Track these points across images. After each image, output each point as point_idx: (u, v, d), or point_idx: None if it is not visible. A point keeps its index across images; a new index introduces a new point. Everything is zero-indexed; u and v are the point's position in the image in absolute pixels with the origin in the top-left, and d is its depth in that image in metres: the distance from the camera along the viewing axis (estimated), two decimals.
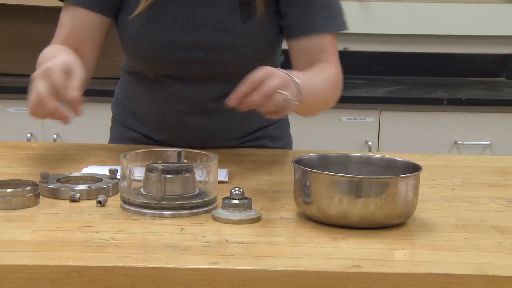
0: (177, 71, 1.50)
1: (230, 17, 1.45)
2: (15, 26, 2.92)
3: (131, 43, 1.49)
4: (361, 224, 1.03)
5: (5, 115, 2.68)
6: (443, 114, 2.72)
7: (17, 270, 0.86)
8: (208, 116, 1.54)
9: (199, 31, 1.46)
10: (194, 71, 1.49)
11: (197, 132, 1.55)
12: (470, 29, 3.20)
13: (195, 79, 1.51)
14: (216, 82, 1.50)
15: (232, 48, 1.46)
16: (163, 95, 1.54)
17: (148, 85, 1.55)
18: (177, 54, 1.47)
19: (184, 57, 1.47)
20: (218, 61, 1.47)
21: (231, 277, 0.87)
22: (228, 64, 1.47)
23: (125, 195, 1.11)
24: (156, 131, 1.58)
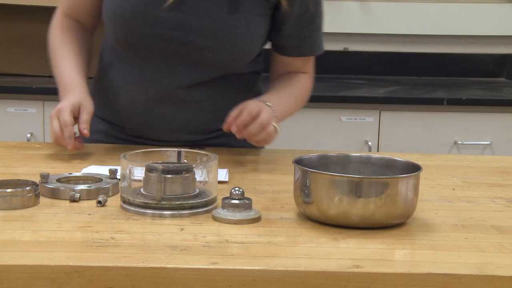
0: (153, 48, 1.50)
1: (217, 6, 1.47)
2: (15, 26, 2.92)
3: (114, 12, 1.50)
4: (361, 224, 1.03)
5: (5, 115, 2.68)
6: (443, 114, 2.72)
7: (17, 270, 0.86)
8: (176, 107, 1.54)
9: (184, 11, 1.47)
10: (169, 51, 1.50)
11: (164, 122, 1.55)
12: (470, 29, 3.20)
13: (168, 62, 1.51)
14: (188, 69, 1.51)
15: (213, 35, 1.48)
16: (133, 79, 1.54)
17: (120, 69, 1.56)
18: (157, 29, 1.48)
19: (163, 34, 1.48)
20: (196, 44, 1.48)
21: (231, 277, 0.87)
22: (204, 49, 1.48)
23: (125, 195, 1.11)
24: (124, 118, 1.59)
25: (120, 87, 1.57)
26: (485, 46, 3.25)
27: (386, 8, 3.16)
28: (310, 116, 2.68)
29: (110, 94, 1.59)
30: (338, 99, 2.70)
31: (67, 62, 1.56)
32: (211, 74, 1.53)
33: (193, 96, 1.53)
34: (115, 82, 1.58)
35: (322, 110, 2.68)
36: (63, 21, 1.62)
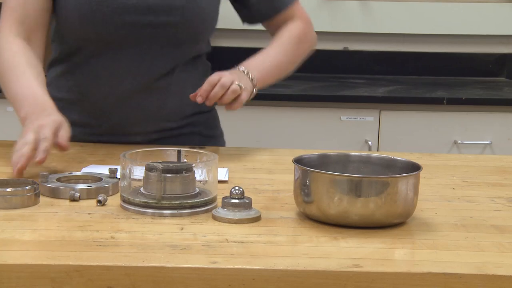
0: (126, 38, 1.51)
1: None
2: None
3: (77, 8, 1.48)
4: (361, 224, 1.03)
5: (5, 114, 2.68)
6: (443, 113, 2.72)
7: (17, 269, 0.86)
8: (151, 94, 1.55)
9: None
10: (143, 37, 1.51)
11: (137, 111, 1.56)
12: (470, 29, 3.20)
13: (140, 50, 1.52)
14: (160, 54, 1.53)
15: (180, 10, 1.51)
16: (106, 73, 1.54)
17: (87, 64, 1.54)
18: (127, 18, 1.49)
19: (134, 21, 1.49)
20: (167, 24, 1.51)
21: (231, 276, 0.87)
22: (176, 27, 1.51)
23: (125, 195, 1.11)
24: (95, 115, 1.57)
25: (91, 85, 1.56)
26: (485, 46, 3.25)
27: (386, 8, 3.16)
28: (310, 115, 2.68)
29: (75, 94, 1.58)
30: (338, 99, 2.70)
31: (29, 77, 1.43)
32: (181, 56, 1.56)
33: (164, 82, 1.56)
34: (83, 79, 1.56)
35: (322, 109, 2.68)
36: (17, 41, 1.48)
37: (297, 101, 2.66)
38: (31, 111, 1.37)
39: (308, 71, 3.13)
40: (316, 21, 1.74)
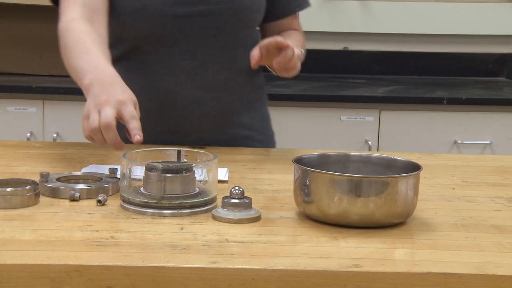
0: (178, 30, 1.53)
1: None
2: (15, 25, 2.93)
3: (131, 6, 1.51)
4: (361, 224, 1.03)
5: (5, 114, 2.68)
6: (443, 113, 2.72)
7: (17, 269, 0.86)
8: (206, 89, 1.57)
9: None
10: (194, 28, 1.53)
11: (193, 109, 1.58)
12: (470, 29, 3.20)
13: (194, 43, 1.54)
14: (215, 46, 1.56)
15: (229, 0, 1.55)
16: (161, 71, 1.56)
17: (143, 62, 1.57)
18: (177, 10, 1.52)
19: (184, 12, 1.52)
20: (217, 12, 1.54)
21: (231, 276, 0.87)
22: (225, 15, 1.54)
23: (125, 194, 1.11)
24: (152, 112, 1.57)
25: (145, 84, 1.57)
26: (485, 46, 3.25)
27: (386, 8, 3.16)
28: (310, 115, 2.68)
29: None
30: (338, 99, 2.70)
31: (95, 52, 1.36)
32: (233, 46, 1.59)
33: (219, 76, 1.58)
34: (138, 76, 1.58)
35: (322, 109, 2.68)
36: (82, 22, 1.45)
37: (297, 101, 2.66)
38: (98, 79, 1.27)
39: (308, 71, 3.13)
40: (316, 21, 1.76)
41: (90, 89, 1.25)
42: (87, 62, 1.33)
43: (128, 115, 1.19)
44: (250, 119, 1.67)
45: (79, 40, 1.40)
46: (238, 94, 1.62)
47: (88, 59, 1.34)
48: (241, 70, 1.59)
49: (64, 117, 2.67)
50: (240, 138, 1.65)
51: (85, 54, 1.36)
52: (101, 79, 1.26)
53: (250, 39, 1.62)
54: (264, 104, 1.74)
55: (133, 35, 1.57)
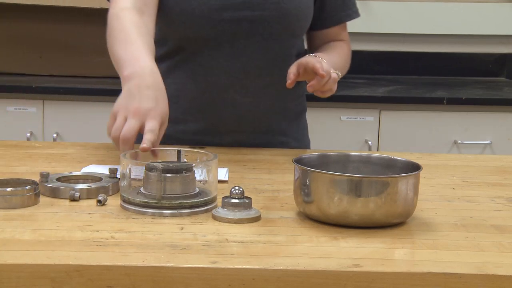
0: (223, 34, 1.54)
1: None
2: (15, 25, 2.93)
3: (179, 8, 1.52)
4: (361, 224, 1.03)
5: (5, 114, 2.68)
6: (443, 113, 2.72)
7: (17, 269, 0.86)
8: (246, 92, 1.58)
9: None
10: (239, 33, 1.54)
11: (232, 111, 1.59)
12: (470, 29, 3.20)
13: (238, 47, 1.55)
14: (258, 51, 1.57)
15: (275, 4, 1.54)
16: (203, 71, 1.57)
17: (186, 62, 1.58)
18: (224, 14, 1.53)
19: (231, 17, 1.53)
20: (263, 19, 1.55)
21: (231, 276, 0.87)
22: (271, 22, 1.55)
23: (125, 194, 1.11)
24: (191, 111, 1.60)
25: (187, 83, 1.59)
26: (485, 46, 3.25)
27: (386, 8, 3.16)
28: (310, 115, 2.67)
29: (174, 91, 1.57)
30: (338, 98, 2.70)
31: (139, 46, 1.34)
32: (276, 55, 1.59)
33: (260, 80, 1.59)
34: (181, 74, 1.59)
35: (322, 109, 2.68)
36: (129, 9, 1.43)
37: None
38: (138, 75, 1.25)
39: None
40: None
41: (127, 83, 1.24)
42: (130, 52, 1.32)
43: (148, 128, 1.18)
44: (287, 126, 1.68)
45: (126, 29, 1.39)
46: (277, 100, 1.63)
47: (131, 50, 1.32)
48: (282, 77, 1.56)
49: (64, 117, 2.67)
50: (276, 144, 1.66)
51: (129, 44, 1.34)
52: (141, 75, 1.25)
53: (295, 47, 1.63)
54: (302, 112, 1.75)
55: (178, 36, 1.58)
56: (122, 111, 1.20)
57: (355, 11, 1.73)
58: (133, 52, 1.32)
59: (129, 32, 1.38)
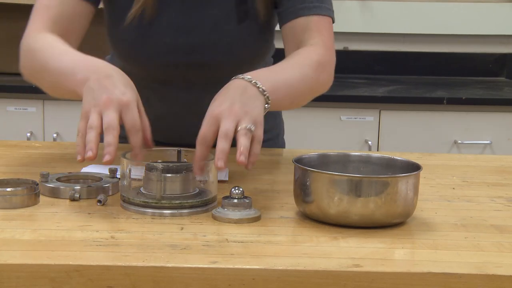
0: (172, 75, 1.47)
1: (226, 17, 1.42)
2: (15, 25, 2.92)
3: (123, 46, 1.46)
4: (361, 223, 1.03)
5: (5, 114, 2.68)
6: (443, 113, 2.72)
7: (17, 269, 0.86)
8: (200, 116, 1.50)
9: (193, 33, 1.43)
10: (189, 75, 1.46)
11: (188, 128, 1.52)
12: (470, 29, 3.20)
13: (190, 84, 1.48)
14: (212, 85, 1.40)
15: (227, 50, 1.44)
16: (156, 98, 1.50)
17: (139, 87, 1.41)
18: (172, 58, 1.44)
19: (179, 61, 1.44)
20: (214, 63, 1.44)
21: (231, 276, 0.87)
22: (223, 66, 1.43)
23: (125, 194, 1.11)
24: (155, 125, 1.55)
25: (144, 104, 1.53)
26: (485, 46, 3.26)
27: (386, 8, 3.16)
28: (310, 115, 2.68)
29: None
30: (338, 98, 2.70)
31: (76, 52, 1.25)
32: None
33: None
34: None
35: (322, 109, 2.68)
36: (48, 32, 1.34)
37: None
38: (94, 71, 1.15)
39: None
40: None
41: (86, 83, 1.13)
42: (70, 60, 1.22)
43: (130, 123, 1.10)
44: None
45: (53, 45, 1.29)
46: None
47: (71, 57, 1.22)
48: None
49: (64, 117, 2.67)
50: None
51: (65, 55, 1.24)
52: (97, 70, 1.15)
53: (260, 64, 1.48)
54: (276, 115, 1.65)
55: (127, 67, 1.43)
56: (94, 109, 1.09)
57: (317, 6, 1.41)
58: (74, 58, 1.22)
59: (58, 47, 1.28)
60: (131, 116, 1.10)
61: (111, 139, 1.07)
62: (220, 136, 1.09)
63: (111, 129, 1.07)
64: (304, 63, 1.33)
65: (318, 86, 1.37)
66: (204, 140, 1.10)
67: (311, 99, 1.40)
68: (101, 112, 1.09)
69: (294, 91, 1.29)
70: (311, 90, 1.35)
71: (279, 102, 1.23)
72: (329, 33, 1.42)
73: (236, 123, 1.10)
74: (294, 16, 1.41)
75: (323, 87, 1.40)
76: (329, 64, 1.40)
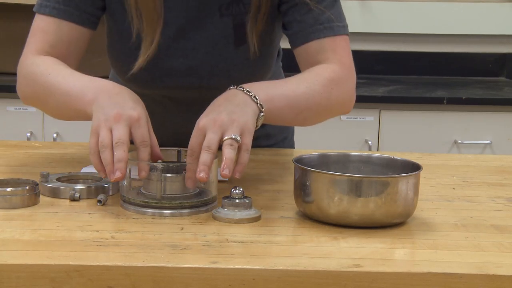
0: (170, 97, 1.47)
1: (223, 40, 1.40)
2: (15, 25, 2.92)
3: (119, 66, 1.45)
4: (361, 223, 1.03)
5: (5, 114, 2.68)
6: (443, 113, 2.72)
7: (17, 269, 0.86)
8: None
9: (190, 56, 1.41)
10: (186, 96, 1.46)
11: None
12: (470, 28, 3.20)
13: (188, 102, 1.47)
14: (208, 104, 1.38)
15: (224, 73, 1.42)
16: (159, 110, 1.49)
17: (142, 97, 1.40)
18: (168, 80, 1.43)
19: (176, 83, 1.43)
20: (211, 86, 1.42)
21: (231, 276, 0.87)
22: (221, 88, 1.35)
23: (125, 194, 1.11)
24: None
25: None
26: (485, 45, 3.25)
27: (386, 7, 3.16)
28: None
29: None
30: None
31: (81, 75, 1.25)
32: None
33: None
34: None
35: None
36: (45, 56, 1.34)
37: None
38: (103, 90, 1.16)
39: None
40: None
41: (95, 102, 1.14)
42: (79, 81, 1.22)
43: (140, 138, 1.10)
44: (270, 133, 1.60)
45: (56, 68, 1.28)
46: None
47: (79, 79, 1.22)
48: None
49: None
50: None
51: (70, 77, 1.24)
52: (107, 89, 1.16)
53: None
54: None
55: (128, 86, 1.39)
56: (104, 124, 1.10)
57: (328, 27, 1.37)
58: (81, 79, 1.22)
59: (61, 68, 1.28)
60: (141, 131, 1.11)
61: (122, 155, 1.07)
62: (203, 148, 1.09)
63: (122, 144, 1.07)
64: (313, 79, 1.30)
65: (331, 103, 1.33)
66: (192, 152, 1.11)
67: (327, 117, 1.38)
68: (111, 128, 1.09)
69: (296, 104, 1.26)
70: (320, 105, 1.30)
71: (278, 113, 1.22)
72: (345, 51, 1.40)
73: (221, 133, 1.10)
74: (306, 40, 1.37)
75: (339, 105, 1.37)
76: (345, 81, 1.36)
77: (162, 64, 1.41)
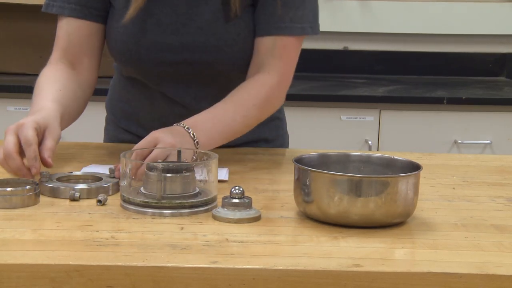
0: (164, 73, 1.49)
1: (214, 16, 1.44)
2: (15, 24, 2.93)
3: (116, 46, 1.48)
4: (361, 223, 1.03)
5: (5, 114, 2.68)
6: (443, 113, 2.72)
7: (17, 269, 0.86)
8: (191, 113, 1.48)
9: (182, 31, 1.45)
10: (181, 72, 1.48)
11: None
12: (470, 28, 3.20)
13: (185, 81, 1.50)
14: (206, 83, 1.50)
15: (216, 48, 1.45)
16: (158, 96, 1.53)
17: (142, 86, 1.55)
18: (162, 56, 1.46)
19: (169, 59, 1.46)
20: (203, 61, 1.46)
21: (231, 276, 0.87)
22: (213, 64, 1.46)
23: (125, 194, 1.11)
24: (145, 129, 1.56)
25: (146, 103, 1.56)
26: (485, 45, 3.25)
27: (386, 7, 3.16)
28: (310, 115, 2.68)
29: (136, 108, 1.58)
30: (338, 98, 2.70)
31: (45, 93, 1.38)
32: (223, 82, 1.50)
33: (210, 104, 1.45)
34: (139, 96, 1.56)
35: (322, 109, 2.68)
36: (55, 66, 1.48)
37: (297, 101, 2.66)
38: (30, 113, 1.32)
39: (308, 71, 3.14)
40: None
41: None
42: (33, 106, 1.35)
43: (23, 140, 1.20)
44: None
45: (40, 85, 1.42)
46: None
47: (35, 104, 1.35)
48: None
49: None
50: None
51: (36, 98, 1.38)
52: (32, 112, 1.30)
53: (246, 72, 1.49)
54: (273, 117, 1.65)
55: (123, 68, 1.56)
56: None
57: (289, 26, 1.42)
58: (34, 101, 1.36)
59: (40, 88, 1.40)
60: (26, 134, 1.20)
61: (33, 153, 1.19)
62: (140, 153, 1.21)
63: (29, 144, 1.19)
64: (249, 104, 1.41)
65: (264, 117, 1.47)
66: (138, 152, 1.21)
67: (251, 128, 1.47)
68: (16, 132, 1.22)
69: (232, 135, 1.41)
70: (254, 125, 1.45)
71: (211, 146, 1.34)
72: (291, 57, 1.46)
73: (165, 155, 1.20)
74: (263, 33, 1.43)
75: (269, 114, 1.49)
76: (279, 94, 1.47)
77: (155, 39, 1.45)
